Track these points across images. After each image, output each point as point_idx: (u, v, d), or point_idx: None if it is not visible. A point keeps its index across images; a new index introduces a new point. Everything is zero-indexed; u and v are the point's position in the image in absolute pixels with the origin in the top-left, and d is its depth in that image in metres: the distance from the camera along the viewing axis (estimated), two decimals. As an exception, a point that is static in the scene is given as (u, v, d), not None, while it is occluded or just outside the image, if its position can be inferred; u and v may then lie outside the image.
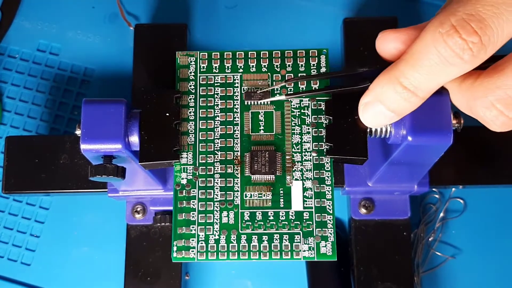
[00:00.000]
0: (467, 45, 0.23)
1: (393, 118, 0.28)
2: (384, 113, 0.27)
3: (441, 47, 0.24)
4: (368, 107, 0.28)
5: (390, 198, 0.41)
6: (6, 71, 0.49)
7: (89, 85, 0.49)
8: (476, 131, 0.41)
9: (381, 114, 0.27)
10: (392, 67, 0.26)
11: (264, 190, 0.32)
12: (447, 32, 0.23)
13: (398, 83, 0.26)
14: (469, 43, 0.23)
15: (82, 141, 0.31)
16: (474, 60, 0.24)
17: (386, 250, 0.41)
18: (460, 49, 0.23)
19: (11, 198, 0.47)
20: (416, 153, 0.32)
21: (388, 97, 0.27)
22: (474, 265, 0.44)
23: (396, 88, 0.26)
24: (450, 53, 0.24)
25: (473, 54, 0.23)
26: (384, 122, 0.28)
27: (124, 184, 0.39)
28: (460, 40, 0.23)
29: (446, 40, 0.23)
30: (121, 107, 0.31)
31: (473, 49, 0.23)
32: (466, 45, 0.23)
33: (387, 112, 0.27)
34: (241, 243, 0.31)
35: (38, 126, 0.48)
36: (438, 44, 0.24)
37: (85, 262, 0.45)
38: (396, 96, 0.26)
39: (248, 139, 0.32)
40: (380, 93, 0.27)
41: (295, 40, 0.49)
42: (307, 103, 0.33)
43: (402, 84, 0.26)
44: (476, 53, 0.23)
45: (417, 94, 0.26)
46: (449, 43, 0.23)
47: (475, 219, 0.45)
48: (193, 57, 0.34)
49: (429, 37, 0.24)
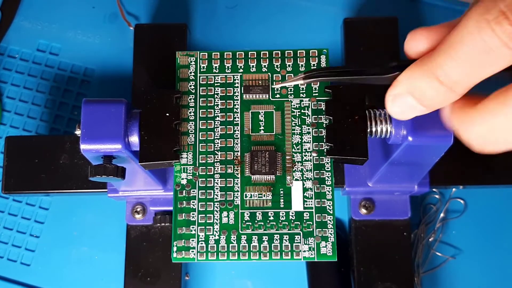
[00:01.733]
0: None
1: (423, 112, 0.26)
2: (415, 107, 0.25)
3: (488, 35, 0.21)
4: (398, 99, 0.26)
5: (390, 198, 0.41)
6: (6, 71, 0.49)
7: (89, 85, 0.49)
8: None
9: (411, 108, 0.26)
10: (427, 58, 0.24)
11: (264, 190, 0.32)
12: (495, 18, 0.21)
13: (435, 77, 0.24)
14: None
15: (82, 141, 0.31)
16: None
17: (386, 251, 0.41)
18: (509, 37, 0.21)
19: (11, 198, 0.47)
20: (416, 153, 0.32)
21: (421, 92, 0.25)
22: (474, 265, 0.44)
23: (432, 83, 0.24)
24: (498, 42, 0.21)
25: None
26: (412, 115, 0.26)
27: (124, 184, 0.39)
28: (510, 28, 0.21)
29: (494, 27, 0.21)
30: (121, 107, 0.31)
31: None
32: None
33: (419, 106, 0.25)
34: (241, 243, 0.31)
35: (38, 126, 0.48)
36: (485, 32, 0.21)
37: (85, 262, 0.45)
38: (431, 91, 0.24)
39: (248, 139, 0.32)
40: (413, 86, 0.25)
41: (295, 40, 0.49)
42: (307, 103, 0.33)
43: (438, 78, 0.24)
44: None
45: (455, 90, 0.24)
46: (497, 31, 0.21)
47: (475, 219, 0.45)
48: (193, 57, 0.34)
49: (473, 25, 0.22)
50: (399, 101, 0.26)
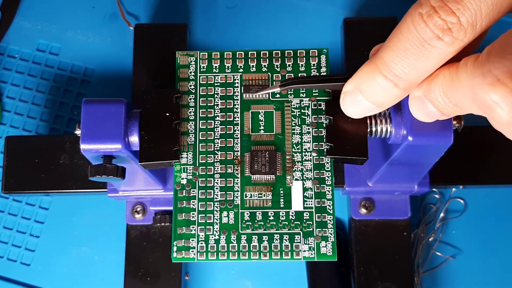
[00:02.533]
0: (446, 25, 0.23)
1: (373, 110, 0.27)
2: (364, 104, 0.26)
3: (421, 27, 0.23)
4: (347, 97, 0.27)
5: (390, 198, 0.41)
6: (6, 71, 0.49)
7: (89, 85, 0.49)
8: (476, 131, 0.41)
9: (360, 105, 0.26)
10: (374, 56, 0.25)
11: (264, 190, 0.32)
12: (427, 12, 0.23)
13: (379, 71, 0.25)
14: (448, 23, 0.23)
15: (82, 141, 0.31)
16: (455, 42, 0.23)
17: (386, 250, 0.41)
18: (440, 29, 0.23)
19: (11, 198, 0.47)
20: (416, 153, 0.32)
21: (368, 87, 0.26)
22: (474, 265, 0.44)
23: (376, 78, 0.25)
24: (430, 34, 0.23)
25: (453, 35, 0.23)
26: (363, 113, 0.27)
27: (124, 184, 0.39)
28: (440, 21, 0.23)
29: (426, 20, 0.23)
30: (121, 107, 0.31)
31: (453, 30, 0.23)
32: (446, 25, 0.23)
33: (367, 103, 0.26)
34: (241, 243, 0.31)
35: (38, 126, 0.48)
36: (418, 25, 0.23)
37: (85, 262, 0.45)
38: (376, 86, 0.25)
39: (248, 139, 0.32)
40: (361, 82, 0.26)
41: (295, 40, 0.49)
42: (307, 103, 0.33)
43: (382, 73, 0.25)
44: (456, 34, 0.23)
45: (398, 85, 0.25)
46: (429, 24, 0.23)
47: (475, 219, 0.45)
48: (193, 57, 0.34)
49: (409, 19, 0.24)
50: (350, 99, 0.27)
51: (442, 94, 0.25)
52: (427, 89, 0.25)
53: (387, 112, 0.31)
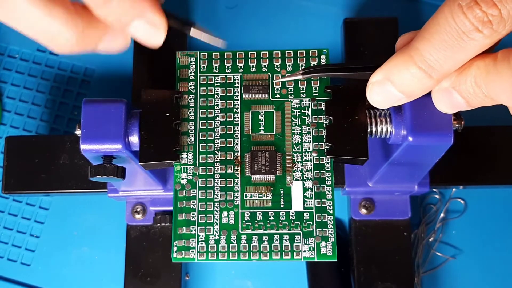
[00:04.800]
0: (487, 18, 0.22)
1: (401, 100, 0.26)
2: (393, 93, 0.26)
3: (460, 19, 0.23)
4: (376, 86, 0.26)
5: (391, 198, 0.41)
6: (6, 71, 0.49)
7: (89, 85, 0.49)
8: (476, 131, 0.41)
9: (389, 95, 0.26)
10: (406, 45, 0.25)
11: (264, 191, 0.32)
12: (467, 4, 0.23)
13: (413, 61, 0.25)
14: (489, 16, 0.22)
15: (82, 141, 0.31)
16: (493, 34, 0.23)
17: (387, 251, 0.41)
18: (480, 22, 0.22)
19: (11, 198, 0.47)
20: (416, 153, 0.32)
21: (399, 77, 0.25)
22: (474, 265, 0.44)
23: (410, 67, 0.25)
24: (470, 26, 0.23)
25: (493, 28, 0.23)
26: (391, 104, 0.27)
27: (124, 184, 0.39)
28: (480, 13, 0.22)
29: (466, 12, 0.23)
30: (121, 107, 0.31)
31: (493, 22, 0.22)
32: (486, 17, 0.22)
33: (397, 93, 0.26)
34: (241, 243, 0.31)
35: (38, 126, 0.48)
36: (457, 16, 0.23)
37: (85, 262, 0.45)
38: (409, 76, 0.25)
39: (248, 139, 0.32)
40: (392, 71, 0.25)
41: (295, 40, 0.49)
42: (307, 103, 0.33)
43: (416, 63, 0.24)
44: (496, 27, 0.23)
45: (432, 75, 0.25)
46: (469, 16, 0.23)
47: (476, 219, 0.45)
48: (193, 57, 0.34)
49: (447, 10, 0.23)
50: (378, 88, 0.27)
51: (474, 85, 0.25)
52: (457, 80, 0.25)
53: (387, 112, 0.31)
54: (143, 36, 0.25)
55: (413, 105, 0.30)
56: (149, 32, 0.25)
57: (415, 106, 0.30)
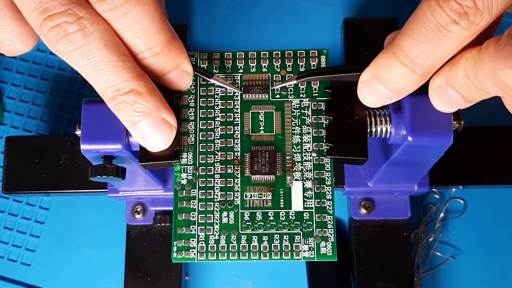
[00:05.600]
0: (462, 9, 0.23)
1: (392, 98, 0.27)
2: (382, 91, 0.26)
3: (437, 13, 0.23)
4: (365, 85, 0.27)
5: (390, 198, 0.41)
6: (6, 71, 0.49)
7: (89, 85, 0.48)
8: (476, 131, 0.41)
9: (379, 93, 0.26)
10: (390, 43, 0.25)
11: (264, 191, 0.32)
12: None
13: (395, 57, 0.25)
14: (464, 7, 0.23)
15: (82, 142, 0.31)
16: (471, 26, 0.23)
17: (386, 251, 0.41)
18: (456, 14, 0.23)
19: (11, 198, 0.47)
20: (416, 153, 0.32)
21: (385, 74, 0.26)
22: (474, 265, 0.44)
23: (393, 64, 0.25)
24: (447, 19, 0.23)
25: (469, 19, 0.23)
26: (382, 102, 0.27)
27: (124, 185, 0.39)
28: (456, 5, 0.23)
29: (443, 5, 0.23)
30: (121, 107, 0.31)
31: (469, 14, 0.23)
32: (462, 9, 0.23)
33: (385, 91, 0.26)
34: (241, 243, 0.31)
35: (38, 126, 0.48)
36: (434, 10, 0.23)
37: (85, 262, 0.45)
38: (394, 72, 0.25)
39: (248, 139, 0.32)
40: (378, 70, 0.26)
41: (295, 40, 0.49)
42: (307, 103, 0.33)
43: (399, 59, 0.25)
44: (472, 18, 0.23)
45: (415, 71, 0.25)
46: (445, 9, 0.23)
47: (475, 219, 0.45)
48: (193, 57, 0.34)
49: (425, 5, 0.24)
50: (368, 88, 0.27)
51: (465, 77, 0.25)
52: (449, 75, 0.25)
53: (387, 112, 0.31)
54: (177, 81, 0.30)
55: (412, 105, 0.30)
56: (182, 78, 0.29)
57: (414, 106, 0.30)
